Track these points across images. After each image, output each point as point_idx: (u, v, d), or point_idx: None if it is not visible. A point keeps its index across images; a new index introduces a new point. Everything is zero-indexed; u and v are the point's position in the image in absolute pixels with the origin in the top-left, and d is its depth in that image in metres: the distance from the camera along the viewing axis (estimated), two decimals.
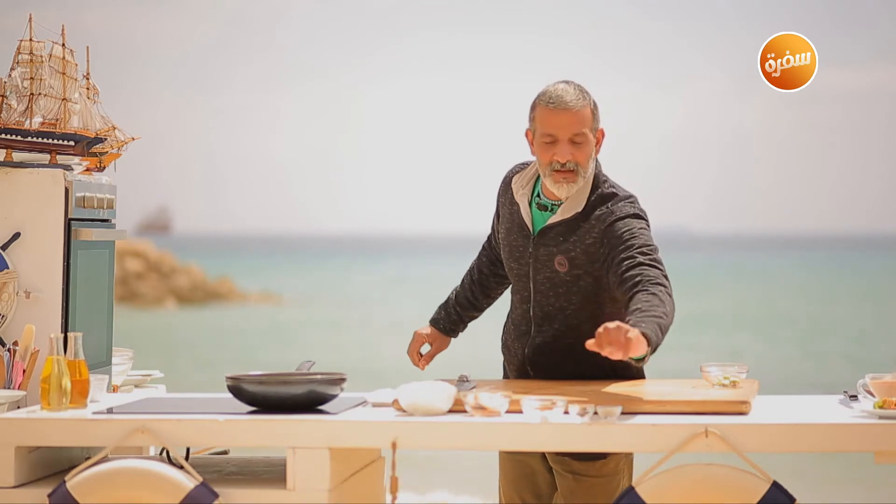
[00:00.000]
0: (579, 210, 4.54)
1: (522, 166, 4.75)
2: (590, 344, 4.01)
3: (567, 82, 4.55)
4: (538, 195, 4.65)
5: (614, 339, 3.97)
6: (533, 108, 4.55)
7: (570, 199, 4.55)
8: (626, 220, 4.50)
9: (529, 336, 4.65)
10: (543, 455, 4.63)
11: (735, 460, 3.97)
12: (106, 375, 4.63)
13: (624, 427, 3.99)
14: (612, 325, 3.99)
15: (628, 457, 4.56)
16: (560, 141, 4.48)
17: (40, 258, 4.62)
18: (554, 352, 4.61)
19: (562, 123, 4.47)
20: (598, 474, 4.51)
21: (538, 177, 4.65)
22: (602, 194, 4.56)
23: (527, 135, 4.60)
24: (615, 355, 3.99)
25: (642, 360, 4.20)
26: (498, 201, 4.80)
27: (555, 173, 4.49)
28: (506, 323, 4.79)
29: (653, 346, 4.11)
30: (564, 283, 4.55)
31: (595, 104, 4.55)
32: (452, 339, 4.96)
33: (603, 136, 4.57)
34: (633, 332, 3.99)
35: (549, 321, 4.60)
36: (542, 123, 4.51)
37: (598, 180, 4.59)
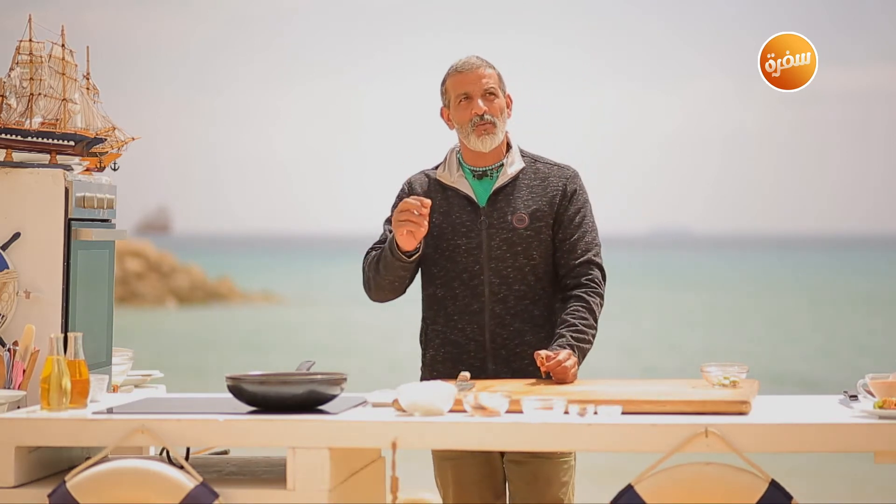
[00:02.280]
0: (522, 167, 4.86)
1: (424, 170, 4.96)
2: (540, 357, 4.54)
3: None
4: (470, 169, 4.88)
5: (562, 376, 4.55)
6: (443, 83, 4.87)
7: (507, 161, 4.86)
8: (585, 199, 4.88)
9: (485, 312, 4.75)
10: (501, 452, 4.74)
11: (735, 460, 3.97)
12: (106, 375, 4.63)
13: (624, 427, 4.00)
14: (563, 359, 4.54)
15: None
16: (474, 97, 4.80)
17: (40, 258, 4.62)
18: (515, 318, 4.75)
19: (472, 80, 4.81)
20: (564, 455, 4.73)
21: (457, 159, 4.89)
22: (532, 156, 4.92)
23: (442, 113, 4.92)
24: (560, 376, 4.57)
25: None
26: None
27: (477, 128, 4.80)
28: (433, 327, 4.83)
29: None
30: (524, 239, 4.78)
31: (500, 73, 4.87)
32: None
33: (511, 101, 4.91)
34: (572, 370, 4.59)
35: (508, 285, 4.76)
36: (454, 88, 4.83)
37: (521, 148, 4.93)
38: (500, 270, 4.76)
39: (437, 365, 4.80)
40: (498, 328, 4.75)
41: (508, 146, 4.89)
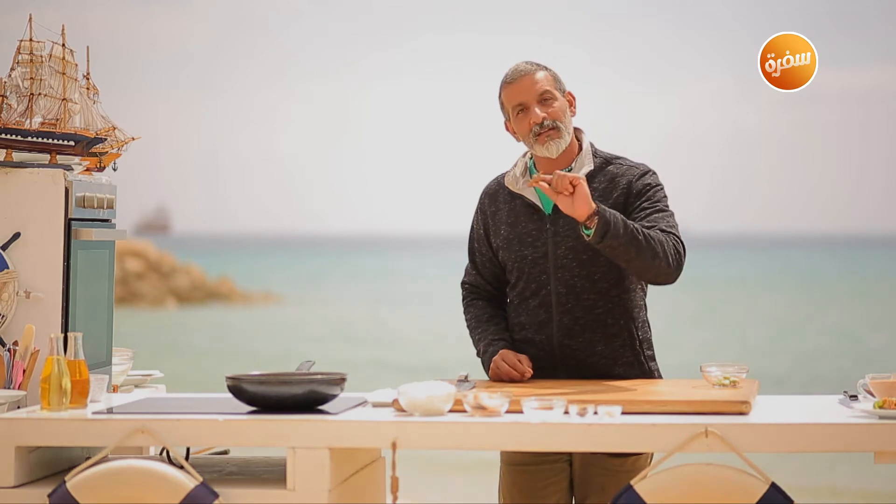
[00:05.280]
0: (591, 169, 4.66)
1: (499, 176, 4.83)
2: (537, 179, 4.36)
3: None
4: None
5: (562, 186, 4.32)
6: (498, 97, 4.73)
7: (576, 165, 4.67)
8: (656, 192, 4.63)
9: (553, 322, 4.65)
10: (570, 462, 4.65)
11: (735, 460, 3.97)
12: (106, 375, 4.63)
13: (624, 427, 4.00)
14: (567, 174, 4.34)
15: None
16: (530, 105, 4.63)
17: (40, 258, 4.62)
18: (584, 329, 4.64)
19: (524, 88, 4.64)
20: (632, 469, 4.56)
21: (527, 165, 4.76)
22: (606, 156, 4.72)
23: (506, 127, 4.75)
24: (561, 199, 4.33)
25: (590, 234, 4.38)
26: (483, 216, 4.81)
27: (539, 136, 4.63)
28: (513, 335, 4.74)
29: (604, 224, 4.33)
30: (590, 246, 4.50)
31: (555, 73, 4.71)
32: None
33: (574, 98, 4.73)
34: (581, 188, 4.32)
35: (576, 295, 4.63)
36: (509, 100, 4.68)
37: (595, 148, 4.74)
38: (567, 280, 4.63)
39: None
40: (566, 339, 4.64)
41: (580, 148, 4.72)
